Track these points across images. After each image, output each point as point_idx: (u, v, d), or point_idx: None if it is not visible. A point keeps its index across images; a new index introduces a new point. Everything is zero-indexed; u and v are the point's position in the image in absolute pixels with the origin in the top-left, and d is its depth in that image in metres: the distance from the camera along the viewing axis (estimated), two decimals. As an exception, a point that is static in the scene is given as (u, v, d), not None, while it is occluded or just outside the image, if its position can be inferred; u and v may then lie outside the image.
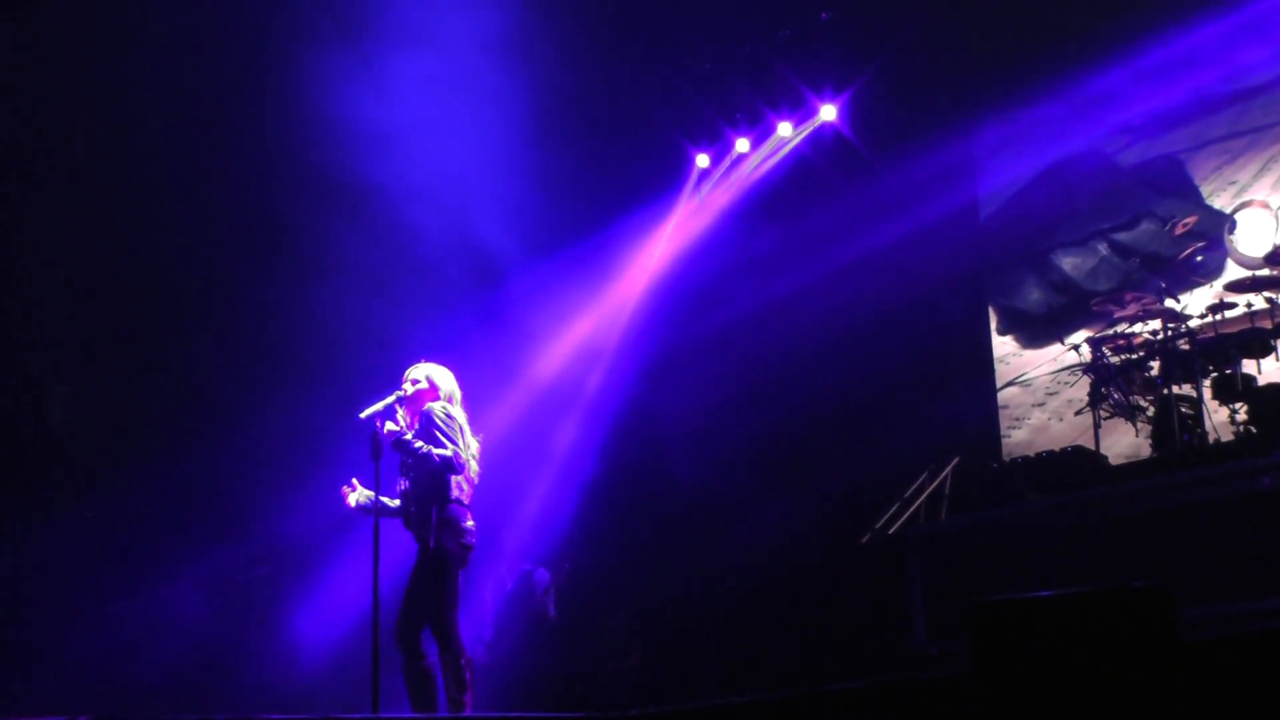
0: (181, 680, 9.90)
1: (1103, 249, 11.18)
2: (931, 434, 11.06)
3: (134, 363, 11.27)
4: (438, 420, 6.61)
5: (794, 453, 11.95)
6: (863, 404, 11.57)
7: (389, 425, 6.62)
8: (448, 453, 6.53)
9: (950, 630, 9.06)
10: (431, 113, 10.90)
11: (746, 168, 12.60)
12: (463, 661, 6.47)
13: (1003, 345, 11.75)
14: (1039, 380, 11.37)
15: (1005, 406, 11.55)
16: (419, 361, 6.96)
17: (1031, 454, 10.22)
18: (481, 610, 11.15)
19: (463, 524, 6.62)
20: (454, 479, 6.62)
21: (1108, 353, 10.04)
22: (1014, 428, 11.44)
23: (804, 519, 11.40)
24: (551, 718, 7.04)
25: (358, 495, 6.72)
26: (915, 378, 11.46)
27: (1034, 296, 11.62)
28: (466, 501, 6.69)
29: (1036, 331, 11.53)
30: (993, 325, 11.85)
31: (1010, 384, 11.58)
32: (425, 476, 6.59)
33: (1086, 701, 3.37)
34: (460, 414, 6.76)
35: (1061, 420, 11.07)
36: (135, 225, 11.20)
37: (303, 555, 10.64)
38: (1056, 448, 10.05)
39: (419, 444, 6.55)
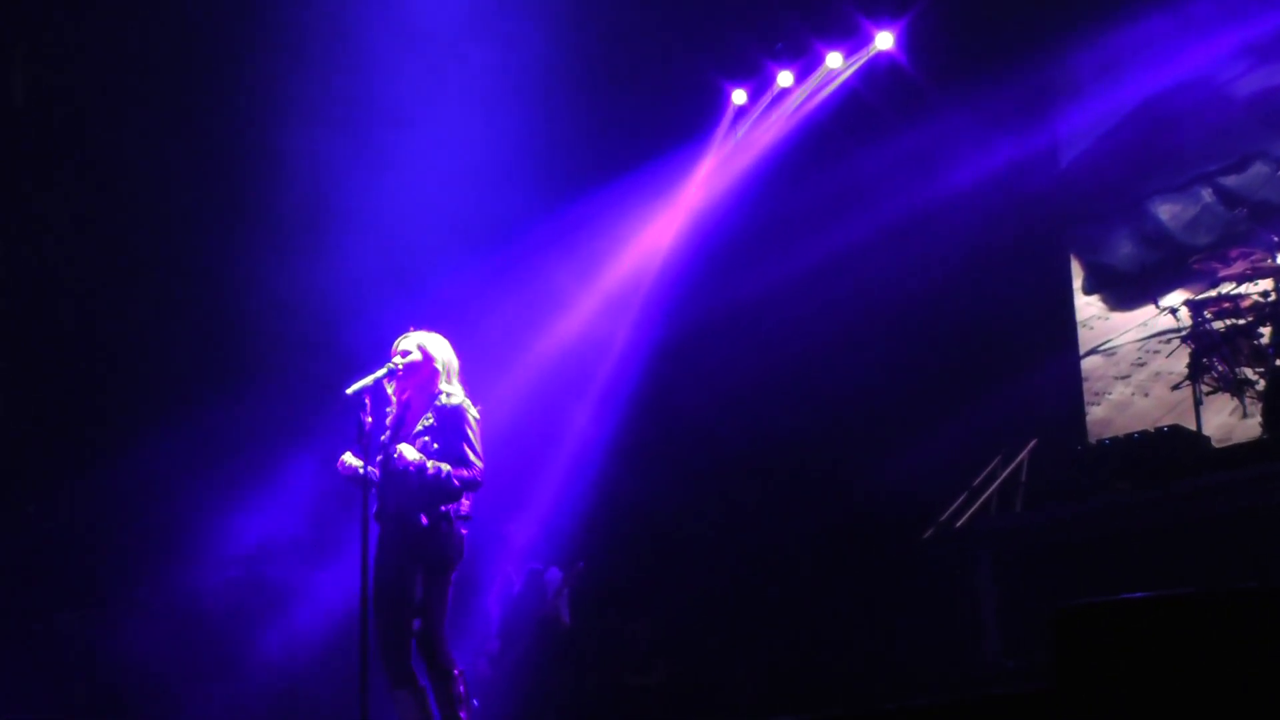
0: (144, 694, 9.97)
1: (1206, 196, 11.06)
2: (1005, 412, 11.01)
3: (79, 347, 11.31)
4: (468, 427, 6.61)
5: (844, 433, 11.92)
6: (925, 378, 11.54)
7: (406, 452, 6.51)
8: (466, 474, 6.55)
9: (1028, 640, 9.02)
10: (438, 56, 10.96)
11: (789, 105, 12.54)
12: (455, 673, 6.48)
13: (1088, 307, 11.69)
14: (1126, 348, 11.30)
15: (1085, 378, 11.49)
16: (408, 329, 6.94)
17: (1118, 434, 10.15)
18: (485, 617, 11.18)
19: (463, 534, 6.68)
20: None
21: (1209, 317, 9.96)
22: (1093, 403, 11.38)
23: (856, 511, 11.37)
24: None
25: (352, 460, 6.67)
26: (986, 346, 11.42)
27: (1124, 251, 11.53)
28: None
29: (1127, 291, 11.45)
30: (1077, 284, 11.76)
31: (1093, 352, 11.51)
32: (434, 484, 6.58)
33: (1189, 721, 3.35)
34: (473, 410, 6.74)
35: (1147, 396, 11.00)
36: (80, 188, 11.21)
37: (278, 555, 10.68)
38: (1146, 427, 9.99)
39: (433, 465, 6.50)
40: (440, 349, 6.88)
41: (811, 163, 12.38)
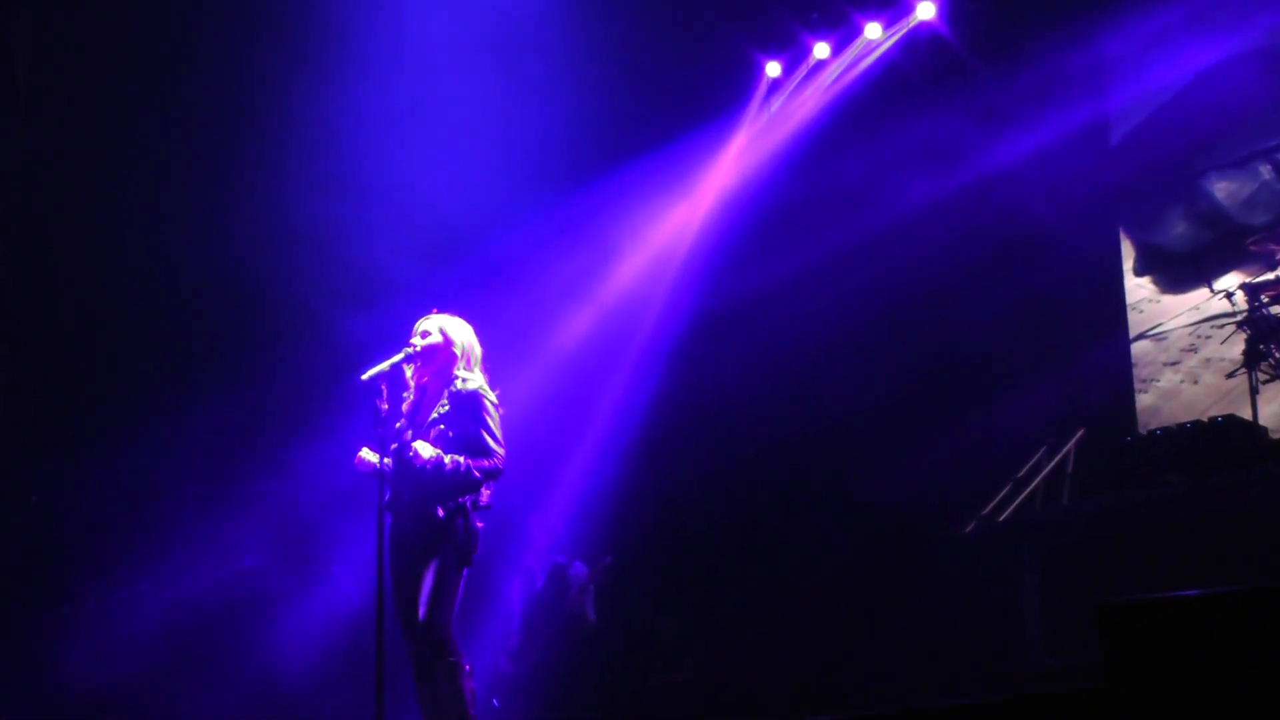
0: (151, 692, 10.01)
1: (1264, 173, 10.99)
2: (1051, 400, 10.97)
3: (85, 326, 11.34)
4: (486, 413, 6.60)
5: (883, 422, 11.88)
6: (968, 364, 11.49)
7: (422, 450, 6.50)
8: (487, 463, 6.55)
9: (1073, 637, 8.99)
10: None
11: (826, 78, 12.49)
12: (466, 668, 6.49)
13: (1139, 289, 11.63)
14: (1176, 333, 11.24)
15: (1134, 364, 11.43)
16: (430, 312, 6.93)
17: (1167, 423, 10.10)
18: (507, 613, 11.20)
19: (479, 527, 6.68)
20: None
21: (1266, 301, 9.90)
22: (1140, 391, 11.34)
23: (894, 502, 11.34)
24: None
25: (369, 456, 6.66)
26: (1032, 331, 11.37)
27: (1177, 230, 11.47)
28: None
29: (1179, 272, 11.39)
30: (1127, 265, 11.70)
31: (1142, 336, 11.45)
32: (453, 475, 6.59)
33: (1240, 722, 3.33)
34: (490, 395, 6.74)
35: (1196, 383, 10.95)
36: (86, 163, 11.26)
37: (294, 545, 10.71)
38: (1196, 416, 9.93)
39: (450, 459, 6.50)
40: (461, 333, 6.86)
41: (849, 138, 12.32)
